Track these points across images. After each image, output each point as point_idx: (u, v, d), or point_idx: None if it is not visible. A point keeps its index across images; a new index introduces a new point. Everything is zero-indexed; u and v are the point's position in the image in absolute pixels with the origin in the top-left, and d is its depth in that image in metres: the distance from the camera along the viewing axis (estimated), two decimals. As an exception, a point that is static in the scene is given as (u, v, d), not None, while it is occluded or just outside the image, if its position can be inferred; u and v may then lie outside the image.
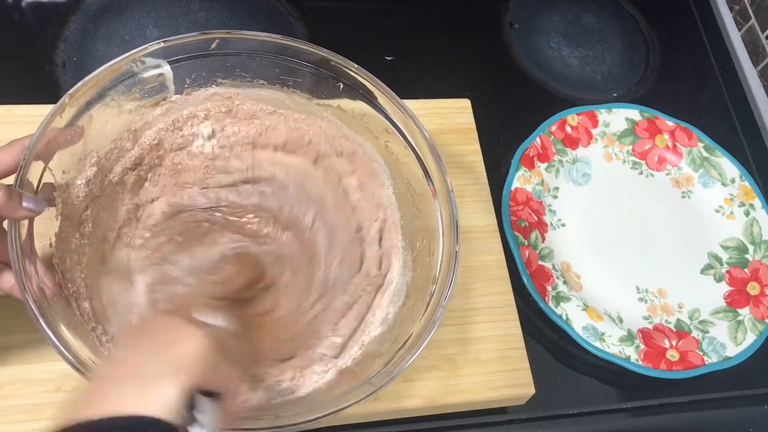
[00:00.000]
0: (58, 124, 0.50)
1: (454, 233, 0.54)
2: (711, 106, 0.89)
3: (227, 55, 0.57)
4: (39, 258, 0.48)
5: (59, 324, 0.46)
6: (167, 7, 0.80)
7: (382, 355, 0.52)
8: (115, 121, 0.55)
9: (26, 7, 0.78)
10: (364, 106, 0.59)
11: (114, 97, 0.54)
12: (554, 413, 0.64)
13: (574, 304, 0.67)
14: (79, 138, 0.52)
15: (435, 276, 0.54)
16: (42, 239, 0.49)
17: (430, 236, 0.56)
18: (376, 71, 0.82)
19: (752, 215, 0.75)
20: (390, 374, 0.49)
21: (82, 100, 0.52)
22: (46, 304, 0.46)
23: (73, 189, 0.53)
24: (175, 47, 0.55)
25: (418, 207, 0.59)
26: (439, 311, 0.51)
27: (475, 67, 0.85)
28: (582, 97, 0.84)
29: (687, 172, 0.78)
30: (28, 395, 0.52)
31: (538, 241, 0.70)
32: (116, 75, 0.53)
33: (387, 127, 0.59)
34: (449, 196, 0.55)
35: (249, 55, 0.58)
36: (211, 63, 0.58)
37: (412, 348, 0.50)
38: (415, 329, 0.52)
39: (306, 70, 0.59)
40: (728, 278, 0.73)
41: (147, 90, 0.56)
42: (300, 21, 0.83)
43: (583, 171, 0.77)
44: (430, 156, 0.56)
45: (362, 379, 0.50)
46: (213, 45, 0.56)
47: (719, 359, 0.66)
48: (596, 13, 0.93)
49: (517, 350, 0.61)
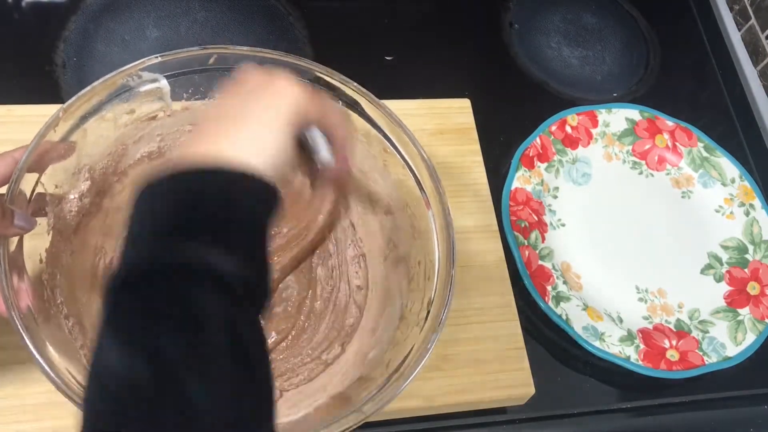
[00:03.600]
0: (52, 138, 0.49)
1: (451, 256, 0.52)
2: (711, 106, 0.89)
3: (226, 69, 0.56)
4: (28, 274, 0.47)
5: (46, 343, 0.45)
6: (167, 7, 0.80)
7: (374, 380, 0.51)
8: (110, 135, 0.55)
9: (26, 7, 0.78)
10: (362, 124, 0.58)
11: (109, 111, 0.53)
12: (554, 413, 0.64)
13: (574, 304, 0.67)
14: (70, 154, 0.52)
15: (430, 300, 0.52)
16: (32, 255, 0.49)
17: (427, 258, 0.55)
18: (376, 71, 0.82)
19: (752, 215, 0.75)
20: (381, 401, 0.47)
21: (76, 114, 0.51)
22: (33, 324, 0.45)
23: (65, 203, 0.52)
24: (172, 62, 0.54)
25: (415, 228, 0.58)
26: (434, 336, 0.49)
27: (475, 67, 0.85)
28: (582, 97, 0.84)
29: (687, 172, 0.78)
30: (28, 395, 0.52)
31: (538, 241, 0.70)
32: (112, 89, 0.52)
33: (385, 147, 0.58)
34: (446, 219, 0.54)
35: None
36: (209, 77, 0.56)
37: (405, 373, 0.49)
38: (410, 354, 0.50)
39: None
40: (728, 278, 0.73)
41: (143, 104, 0.55)
42: (300, 21, 0.83)
43: (583, 171, 0.77)
44: (428, 176, 0.55)
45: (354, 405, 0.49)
46: (211, 60, 0.55)
47: (719, 359, 0.66)
48: (596, 13, 0.93)
49: (517, 350, 0.61)
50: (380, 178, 0.60)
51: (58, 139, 0.50)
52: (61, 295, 0.51)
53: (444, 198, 0.54)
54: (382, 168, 0.59)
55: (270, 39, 0.80)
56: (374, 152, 0.59)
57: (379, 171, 0.59)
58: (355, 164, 0.54)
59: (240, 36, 0.80)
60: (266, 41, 0.80)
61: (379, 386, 0.49)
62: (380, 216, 0.61)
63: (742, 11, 0.94)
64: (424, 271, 0.55)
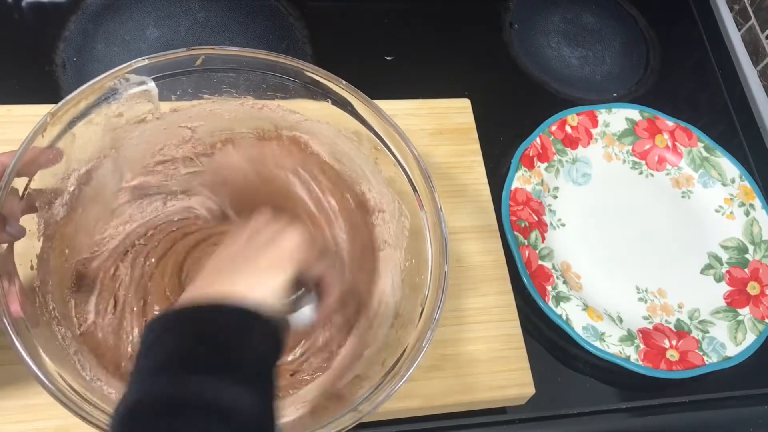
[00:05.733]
0: (40, 143, 0.49)
1: (444, 253, 0.52)
2: (711, 106, 0.89)
3: (213, 71, 0.56)
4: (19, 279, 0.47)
5: (38, 349, 0.45)
6: (167, 7, 0.80)
7: (370, 379, 0.51)
8: (99, 139, 0.54)
9: (26, 7, 0.78)
10: (353, 122, 0.58)
11: (98, 114, 0.52)
12: (554, 413, 0.64)
13: (574, 304, 0.67)
14: (58, 160, 0.51)
15: (424, 297, 0.52)
16: (24, 262, 0.49)
17: (419, 257, 0.55)
18: (376, 71, 0.82)
19: (752, 215, 0.75)
20: (375, 402, 0.47)
21: (64, 119, 0.51)
22: (24, 329, 0.45)
23: (54, 209, 0.52)
24: (159, 64, 0.54)
25: (406, 226, 0.57)
26: (428, 334, 0.49)
27: (475, 68, 0.84)
28: (582, 97, 0.84)
29: (687, 172, 0.78)
30: (28, 395, 0.52)
31: (538, 241, 0.70)
32: (100, 93, 0.52)
33: (376, 144, 0.57)
34: (439, 215, 0.53)
35: (235, 71, 0.57)
36: (197, 79, 0.56)
37: (400, 372, 0.48)
38: (405, 353, 0.50)
39: (293, 86, 0.58)
40: (728, 278, 0.73)
41: (132, 107, 0.54)
42: (300, 21, 0.83)
43: (583, 171, 0.77)
44: (419, 174, 0.55)
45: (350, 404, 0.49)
46: (198, 61, 0.55)
47: (719, 359, 0.66)
48: (596, 13, 0.93)
49: (517, 350, 0.61)
50: (371, 176, 0.59)
51: (46, 144, 0.50)
52: (53, 301, 0.51)
53: (435, 195, 0.54)
54: (373, 166, 0.59)
55: (270, 39, 0.80)
56: (365, 150, 0.59)
57: (370, 169, 0.59)
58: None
59: (240, 36, 0.80)
60: (266, 41, 0.80)
61: (375, 385, 0.49)
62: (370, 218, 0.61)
63: (742, 11, 0.94)
64: (417, 267, 0.55)
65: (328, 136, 0.60)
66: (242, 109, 0.59)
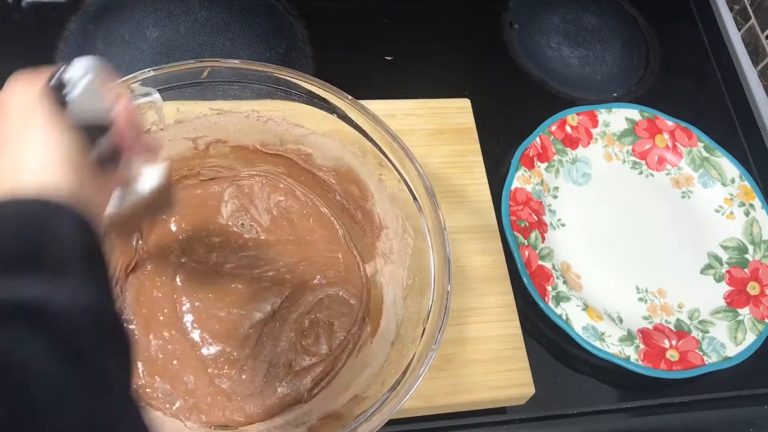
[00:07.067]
0: None
1: (447, 272, 0.51)
2: (711, 106, 0.89)
3: (219, 83, 0.56)
4: None
5: None
6: (167, 7, 0.80)
7: (369, 398, 0.50)
8: None
9: (26, 7, 0.78)
10: (358, 137, 0.58)
11: None
12: (554, 413, 0.64)
13: (574, 304, 0.67)
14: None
15: (426, 317, 0.51)
16: None
17: (422, 275, 0.54)
18: (376, 71, 0.82)
19: (752, 215, 0.75)
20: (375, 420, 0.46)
21: None
22: None
23: None
24: (165, 75, 0.53)
25: (410, 244, 0.57)
26: (429, 355, 0.48)
27: (475, 67, 0.85)
28: (582, 97, 0.84)
29: (687, 172, 0.78)
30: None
31: (538, 241, 0.70)
32: None
33: (381, 160, 0.57)
34: (442, 234, 0.53)
35: (240, 83, 0.57)
36: (203, 91, 0.56)
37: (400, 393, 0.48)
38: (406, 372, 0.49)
39: (299, 99, 0.58)
40: (728, 278, 0.72)
41: None
42: (300, 21, 0.83)
43: (583, 171, 0.77)
44: (424, 191, 0.55)
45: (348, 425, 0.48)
46: (204, 74, 0.55)
47: (719, 359, 0.66)
48: (596, 13, 0.93)
49: (517, 350, 0.61)
50: (376, 192, 0.60)
51: None
52: None
53: (440, 213, 0.53)
54: (378, 182, 0.59)
55: (270, 39, 0.80)
56: (369, 167, 0.59)
57: (375, 185, 0.59)
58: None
59: (240, 36, 0.80)
60: (266, 41, 0.80)
61: (374, 405, 0.48)
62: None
63: (742, 11, 0.94)
64: (419, 286, 0.55)
65: (333, 150, 0.60)
66: (247, 121, 0.59)
